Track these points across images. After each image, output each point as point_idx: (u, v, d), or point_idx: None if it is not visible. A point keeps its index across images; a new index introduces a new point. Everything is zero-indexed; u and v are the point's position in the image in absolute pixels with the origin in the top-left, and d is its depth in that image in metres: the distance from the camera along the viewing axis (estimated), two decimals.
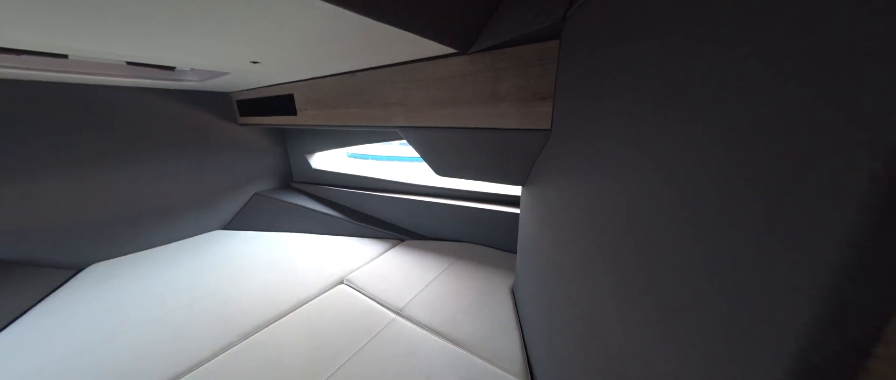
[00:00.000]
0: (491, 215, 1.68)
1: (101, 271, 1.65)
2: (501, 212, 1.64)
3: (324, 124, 1.50)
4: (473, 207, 1.73)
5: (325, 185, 2.46)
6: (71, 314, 1.29)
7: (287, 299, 1.40)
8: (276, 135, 2.54)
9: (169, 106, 1.89)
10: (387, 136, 2.04)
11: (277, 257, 1.80)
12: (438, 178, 2.13)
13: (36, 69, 1.21)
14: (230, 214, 2.32)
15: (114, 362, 1.05)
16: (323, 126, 1.53)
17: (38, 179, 1.50)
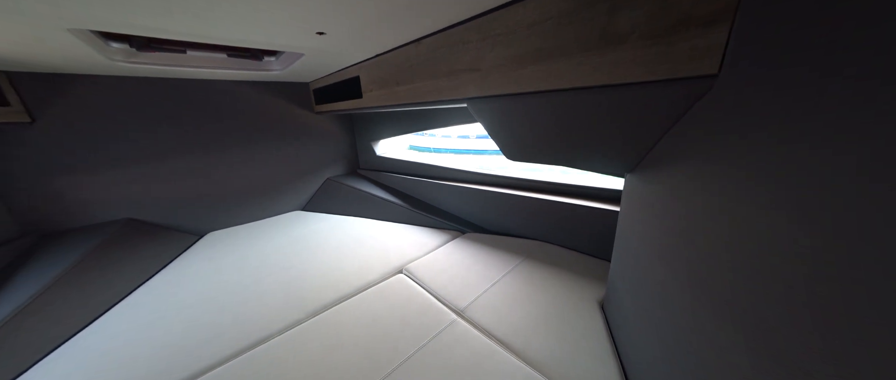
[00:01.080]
0: (572, 211, 1.38)
1: (216, 239, 1.97)
2: (587, 208, 1.32)
3: (387, 105, 1.43)
4: (548, 200, 1.45)
5: (388, 172, 2.48)
6: (196, 272, 1.55)
7: (350, 282, 1.40)
8: (345, 122, 2.67)
9: (261, 97, 2.12)
10: (453, 118, 1.89)
11: (344, 241, 1.86)
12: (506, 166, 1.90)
13: (165, 65, 1.44)
14: (307, 197, 2.55)
15: (213, 317, 1.18)
16: (386, 107, 1.47)
17: (169, 160, 1.85)
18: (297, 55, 1.38)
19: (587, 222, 1.36)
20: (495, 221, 1.76)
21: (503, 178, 1.74)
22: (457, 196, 1.92)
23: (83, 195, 1.63)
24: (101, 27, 0.85)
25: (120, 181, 1.72)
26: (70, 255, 1.33)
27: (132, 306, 1.30)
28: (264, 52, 1.66)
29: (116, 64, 1.33)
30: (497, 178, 1.76)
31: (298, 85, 2.28)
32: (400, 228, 2.02)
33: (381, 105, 1.46)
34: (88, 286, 1.28)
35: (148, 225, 1.81)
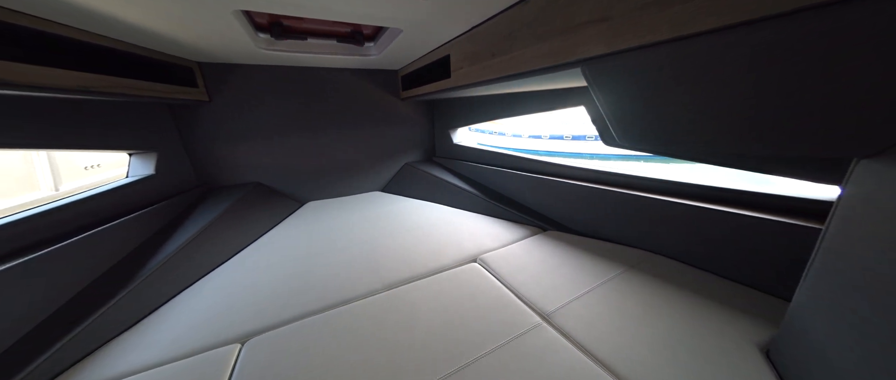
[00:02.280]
0: (712, 220, 1.04)
1: (313, 208, 2.28)
2: (741, 218, 0.96)
3: (476, 81, 1.34)
4: (673, 202, 1.13)
5: (464, 160, 2.43)
6: (297, 234, 1.80)
7: (424, 263, 1.39)
8: (426, 110, 2.74)
9: (356, 83, 2.34)
10: (537, 103, 1.68)
11: (419, 223, 1.88)
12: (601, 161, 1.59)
13: (291, 51, 1.69)
14: (386, 179, 2.72)
15: (306, 273, 1.33)
16: (475, 85, 1.39)
17: (287, 136, 2.20)
18: (395, 33, 1.41)
19: (737, 237, 0.99)
20: (586, 222, 1.50)
21: (602, 173, 1.45)
22: (539, 190, 1.72)
23: (232, 161, 2.07)
24: (257, 7, 1.01)
25: (254, 151, 2.13)
26: (219, 206, 1.70)
27: (254, 251, 1.58)
28: (365, 38, 1.79)
29: (261, 51, 1.61)
30: (594, 173, 1.49)
31: (388, 72, 2.43)
32: (474, 218, 1.94)
33: (470, 82, 1.38)
34: (227, 232, 1.60)
35: (269, 189, 2.20)
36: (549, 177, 1.65)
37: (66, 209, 1.16)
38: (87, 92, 1.11)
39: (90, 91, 1.12)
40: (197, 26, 1.16)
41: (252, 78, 1.98)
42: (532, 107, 1.77)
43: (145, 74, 1.38)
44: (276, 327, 1.01)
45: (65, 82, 1.03)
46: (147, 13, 0.99)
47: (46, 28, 0.97)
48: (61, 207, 1.16)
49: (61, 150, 1.29)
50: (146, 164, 1.64)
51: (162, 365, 0.87)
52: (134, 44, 1.32)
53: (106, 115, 1.39)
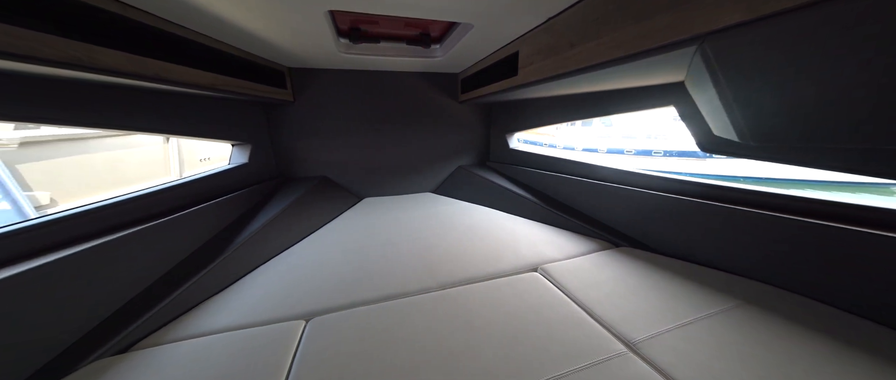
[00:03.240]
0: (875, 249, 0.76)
1: (370, 203, 2.39)
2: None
3: (549, 76, 1.25)
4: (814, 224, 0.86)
5: (521, 166, 2.32)
6: (355, 226, 1.89)
7: (479, 266, 1.32)
8: (483, 113, 2.71)
9: (417, 86, 2.42)
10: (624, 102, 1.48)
11: (472, 226, 1.82)
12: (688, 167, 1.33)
13: (365, 55, 1.83)
14: (438, 181, 2.74)
15: (362, 263, 1.36)
16: (547, 80, 1.29)
17: (350, 135, 2.36)
18: (464, 31, 1.41)
19: None
20: (673, 241, 1.26)
21: (703, 185, 1.21)
22: (611, 200, 1.51)
23: (305, 155, 2.31)
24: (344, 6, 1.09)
25: (324, 148, 2.33)
26: (292, 195, 1.88)
27: (317, 238, 1.69)
28: (432, 40, 1.84)
29: (341, 55, 1.77)
30: (689, 184, 1.24)
31: (448, 75, 2.47)
32: (531, 225, 1.80)
33: (542, 77, 1.29)
34: (297, 218, 1.75)
35: (333, 183, 2.39)
36: (625, 186, 1.44)
37: (188, 186, 1.39)
38: (215, 89, 1.34)
39: (216, 89, 1.34)
40: (291, 29, 1.31)
41: (328, 81, 2.20)
42: (604, 108, 1.59)
43: (251, 77, 1.62)
44: (335, 310, 1.03)
45: (201, 80, 1.25)
46: (251, 15, 1.14)
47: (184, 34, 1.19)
48: (184, 183, 1.39)
49: (186, 137, 1.57)
50: (243, 153, 1.91)
51: (240, 329, 0.95)
52: (244, 50, 1.55)
53: (219, 110, 1.66)
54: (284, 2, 1.04)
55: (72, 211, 0.95)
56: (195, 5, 1.00)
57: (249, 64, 1.64)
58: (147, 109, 1.24)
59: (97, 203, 1.05)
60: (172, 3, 0.97)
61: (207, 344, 0.88)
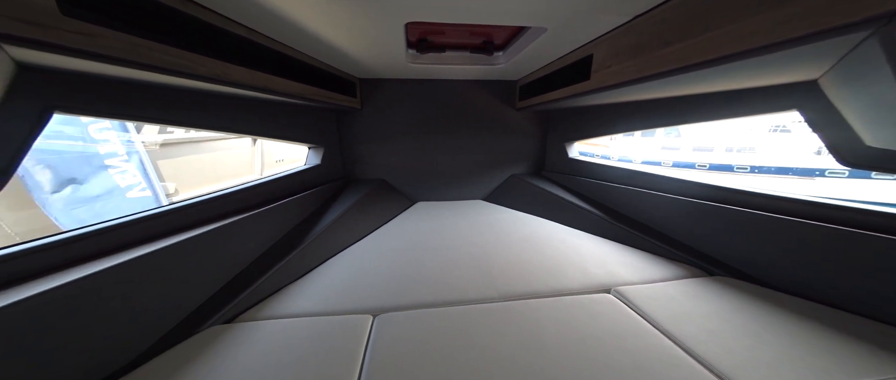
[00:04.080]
0: None
1: (422, 208, 2.45)
2: None
3: (633, 79, 1.14)
4: None
5: (583, 177, 2.16)
6: (411, 229, 1.96)
7: (542, 279, 1.24)
8: (540, 121, 2.61)
9: (476, 93, 2.44)
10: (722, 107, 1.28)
11: (529, 236, 1.74)
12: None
13: (429, 64, 1.91)
14: (490, 189, 2.70)
15: (418, 265, 1.39)
16: (628, 83, 1.18)
17: (407, 140, 2.48)
18: (534, 36, 1.38)
19: None
20: (806, 277, 1.02)
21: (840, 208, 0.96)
22: (705, 220, 1.30)
23: (367, 159, 2.48)
24: (421, 17, 1.16)
25: (383, 152, 2.48)
26: (355, 196, 2.02)
27: (376, 237, 1.78)
28: (496, 47, 1.84)
29: (408, 65, 1.88)
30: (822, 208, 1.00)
31: (507, 83, 2.44)
32: (596, 241, 1.65)
33: (623, 81, 1.19)
34: (359, 218, 1.88)
35: (390, 186, 2.51)
36: (726, 205, 1.22)
37: (275, 182, 1.60)
38: (303, 98, 1.52)
39: (304, 97, 1.53)
40: (369, 42, 1.43)
41: (391, 90, 2.35)
42: (692, 114, 1.39)
43: (330, 87, 1.81)
44: (400, 309, 1.06)
45: (293, 90, 1.44)
46: (338, 31, 1.27)
47: (283, 50, 1.38)
48: (273, 180, 1.60)
49: (277, 140, 1.80)
50: (317, 155, 2.13)
51: (317, 316, 1.03)
52: (327, 63, 1.75)
53: (302, 116, 1.88)
54: (368, 17, 1.14)
55: (193, 200, 1.15)
56: (299, 26, 1.16)
57: (330, 75, 1.84)
58: (250, 114, 1.46)
59: (210, 194, 1.25)
60: (281, 24, 1.13)
61: (292, 325, 0.97)
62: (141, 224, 0.95)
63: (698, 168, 11.75)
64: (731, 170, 10.86)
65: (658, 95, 1.44)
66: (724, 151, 11.52)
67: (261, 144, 4.52)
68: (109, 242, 0.86)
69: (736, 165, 10.88)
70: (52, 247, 0.75)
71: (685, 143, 12.74)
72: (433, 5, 1.03)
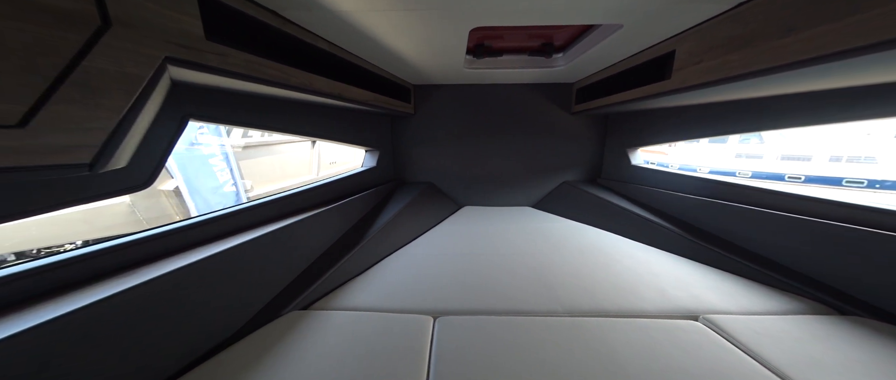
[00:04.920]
0: None
1: (469, 212, 2.44)
2: None
3: (732, 76, 0.99)
4: None
5: (650, 186, 1.95)
6: (461, 233, 1.95)
7: (610, 297, 1.13)
8: (597, 125, 2.43)
9: (529, 97, 2.37)
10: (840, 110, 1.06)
11: (588, 248, 1.61)
12: None
13: (484, 69, 1.91)
14: (539, 196, 2.58)
15: (477, 273, 1.36)
16: (723, 81, 1.03)
17: (455, 145, 2.49)
18: (607, 31, 1.29)
19: None
20: None
21: None
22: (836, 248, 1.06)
23: (417, 162, 2.56)
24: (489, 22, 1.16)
25: (432, 156, 2.54)
26: (406, 198, 2.09)
27: (427, 240, 1.81)
28: (555, 49, 1.77)
29: (464, 70, 1.90)
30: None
31: (562, 85, 2.33)
32: (670, 259, 1.46)
33: (719, 78, 1.03)
34: (410, 219, 1.92)
35: (437, 190, 2.55)
36: (875, 230, 0.97)
37: (336, 183, 1.73)
38: (368, 104, 1.63)
39: (368, 103, 1.64)
40: (432, 49, 1.47)
41: (444, 95, 2.40)
42: (804, 116, 1.15)
43: (389, 93, 1.91)
44: (459, 313, 1.05)
45: (361, 97, 1.54)
46: (403, 40, 1.32)
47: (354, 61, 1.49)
48: (335, 181, 1.73)
49: (341, 143, 1.95)
50: (373, 158, 2.25)
51: (380, 311, 1.07)
52: (389, 71, 1.85)
53: (362, 121, 2.02)
54: (437, 25, 1.17)
55: (273, 197, 1.29)
56: (373, 38, 1.24)
57: (390, 83, 1.94)
58: (323, 119, 1.60)
59: (286, 192, 1.39)
60: (358, 37, 1.23)
61: (359, 318, 1.02)
62: (236, 217, 1.08)
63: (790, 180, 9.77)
64: (839, 184, 8.85)
65: (753, 94, 1.23)
66: (828, 160, 9.42)
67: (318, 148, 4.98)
68: (212, 232, 1.00)
69: (846, 179, 8.83)
70: (171, 234, 0.89)
71: (769, 150, 10.71)
72: (504, 9, 1.02)
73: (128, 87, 0.63)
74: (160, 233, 0.86)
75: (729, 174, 10.91)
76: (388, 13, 1.03)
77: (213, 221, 1.00)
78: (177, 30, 0.71)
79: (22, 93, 0.50)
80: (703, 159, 11.62)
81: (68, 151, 0.56)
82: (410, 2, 0.96)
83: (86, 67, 0.56)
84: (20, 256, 2.97)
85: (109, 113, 0.61)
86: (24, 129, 0.50)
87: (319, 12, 0.99)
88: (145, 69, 0.66)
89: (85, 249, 0.73)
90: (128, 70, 0.63)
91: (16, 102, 0.49)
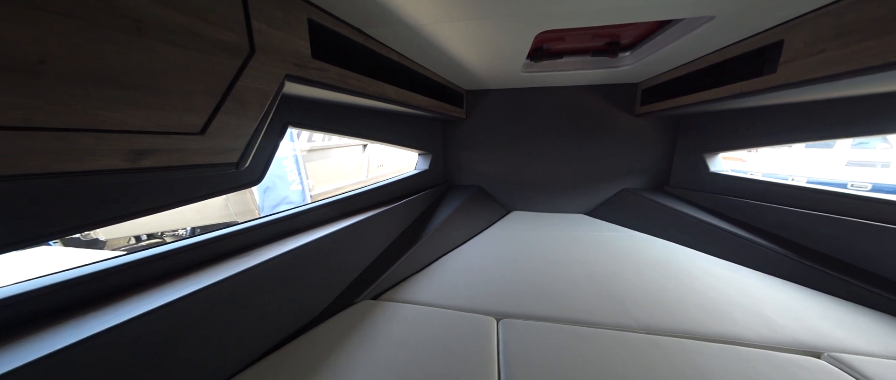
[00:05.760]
0: None
1: (518, 217, 2.39)
2: None
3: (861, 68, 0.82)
4: None
5: (734, 197, 1.71)
6: (512, 237, 1.93)
7: (698, 318, 1.01)
8: (666, 128, 2.21)
9: (586, 99, 2.26)
10: None
11: (662, 262, 1.47)
12: None
13: (542, 72, 1.88)
14: (595, 203, 2.42)
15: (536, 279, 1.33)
16: (857, 73, 0.86)
17: (504, 149, 2.47)
18: (688, 26, 1.18)
19: None
20: None
21: None
22: None
23: (465, 166, 2.59)
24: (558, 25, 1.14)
25: (481, 159, 2.55)
26: (457, 201, 2.12)
27: (478, 243, 1.82)
28: (621, 48, 1.66)
29: (519, 75, 1.89)
30: None
31: (625, 86, 2.17)
32: (771, 282, 1.26)
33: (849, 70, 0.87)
34: (461, 222, 1.95)
35: (486, 193, 2.55)
36: None
37: (395, 184, 1.83)
38: (427, 110, 1.72)
39: (428, 109, 1.72)
40: (492, 56, 1.49)
41: (496, 99, 2.40)
42: None
43: (444, 98, 1.98)
44: (523, 318, 1.03)
45: (422, 103, 1.63)
46: (469, 48, 1.36)
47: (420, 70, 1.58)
48: (393, 182, 1.84)
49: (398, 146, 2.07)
50: (426, 161, 2.35)
51: (444, 308, 1.10)
52: (445, 78, 1.92)
53: (417, 125, 2.12)
54: (503, 29, 1.18)
55: (341, 196, 1.41)
56: (440, 48, 1.31)
57: (446, 88, 2.01)
58: (385, 124, 1.72)
59: (352, 192, 1.51)
60: (426, 46, 1.30)
61: (424, 312, 1.07)
62: (312, 213, 1.22)
63: None
64: None
65: (884, 88, 1.01)
66: None
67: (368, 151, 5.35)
68: (298, 224, 1.14)
69: None
70: (267, 225, 1.04)
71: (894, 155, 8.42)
72: (576, 10, 1.00)
73: (262, 100, 0.76)
74: (257, 225, 1.01)
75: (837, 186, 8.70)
76: (458, 23, 1.08)
77: (298, 215, 1.15)
78: (294, 52, 0.84)
79: (205, 107, 0.63)
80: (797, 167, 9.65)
81: (227, 152, 0.70)
82: (482, 10, 0.99)
83: (239, 86, 0.69)
84: (150, 236, 3.73)
85: (250, 122, 0.74)
86: (203, 135, 0.64)
87: (397, 26, 1.08)
88: (273, 85, 0.79)
89: (212, 234, 0.89)
90: (263, 87, 0.76)
91: (201, 114, 0.63)
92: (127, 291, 0.67)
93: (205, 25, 0.62)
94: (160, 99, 0.56)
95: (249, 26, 0.70)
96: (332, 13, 0.95)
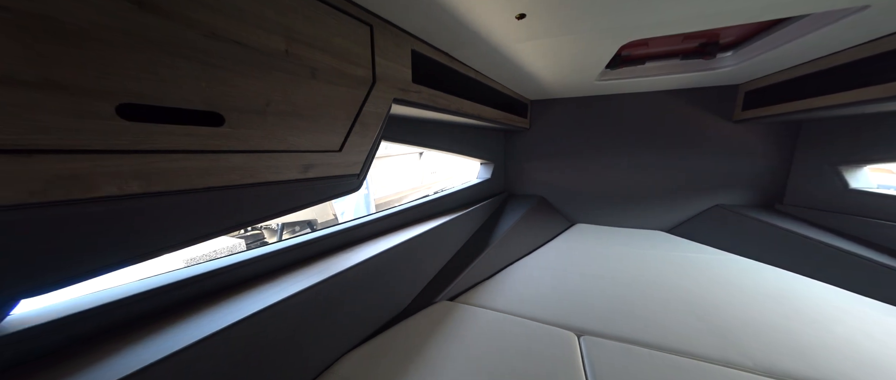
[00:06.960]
0: None
1: (583, 230, 2.26)
2: None
3: None
4: None
5: (873, 218, 1.37)
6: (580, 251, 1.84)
7: (841, 369, 0.84)
8: (779, 136, 1.87)
9: (671, 104, 2.05)
10: None
11: (780, 295, 1.25)
12: None
13: (622, 79, 1.78)
14: (678, 219, 2.16)
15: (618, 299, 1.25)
16: None
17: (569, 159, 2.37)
18: (820, 21, 1.01)
19: None
20: None
21: None
22: None
23: (528, 175, 2.56)
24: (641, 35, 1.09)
25: (543, 169, 2.49)
26: (519, 211, 2.10)
27: (543, 255, 1.77)
28: (719, 48, 1.49)
29: (593, 83, 1.82)
30: None
31: (722, 89, 1.91)
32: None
33: None
34: (524, 232, 1.93)
35: (549, 204, 2.48)
36: None
37: (461, 192, 1.92)
38: (495, 121, 1.77)
39: (496, 121, 1.78)
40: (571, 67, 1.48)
41: (563, 108, 2.34)
42: None
43: (509, 109, 2.01)
44: (607, 337, 0.99)
45: (491, 115, 1.69)
46: (543, 62, 1.38)
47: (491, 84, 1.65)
48: (460, 190, 1.92)
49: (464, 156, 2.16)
50: (488, 170, 2.40)
51: (519, 317, 1.11)
52: (510, 89, 1.95)
53: (482, 135, 2.18)
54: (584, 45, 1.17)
55: (414, 203, 1.53)
56: (516, 64, 1.35)
57: (511, 100, 2.05)
58: (454, 135, 1.83)
59: (423, 199, 1.63)
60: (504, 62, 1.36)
61: (501, 319, 1.10)
62: (393, 217, 1.35)
63: None
64: None
65: None
66: None
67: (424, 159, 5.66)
68: (387, 226, 1.28)
69: None
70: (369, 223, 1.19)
71: None
72: (662, 18, 0.94)
73: (377, 121, 0.91)
74: (363, 222, 1.17)
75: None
76: (540, 40, 1.12)
77: (388, 216, 1.29)
78: (401, 79, 0.97)
79: (343, 130, 0.79)
80: None
81: (354, 165, 0.85)
82: (566, 28, 1.01)
83: (364, 111, 0.84)
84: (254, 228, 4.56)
85: (369, 140, 0.89)
86: (340, 152, 0.79)
87: (481, 47, 1.16)
88: (384, 108, 0.93)
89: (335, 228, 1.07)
90: (378, 110, 0.90)
91: (340, 135, 0.79)
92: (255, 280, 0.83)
93: (348, 65, 0.78)
94: (319, 125, 0.73)
95: (374, 62, 0.85)
96: (429, 42, 1.08)
